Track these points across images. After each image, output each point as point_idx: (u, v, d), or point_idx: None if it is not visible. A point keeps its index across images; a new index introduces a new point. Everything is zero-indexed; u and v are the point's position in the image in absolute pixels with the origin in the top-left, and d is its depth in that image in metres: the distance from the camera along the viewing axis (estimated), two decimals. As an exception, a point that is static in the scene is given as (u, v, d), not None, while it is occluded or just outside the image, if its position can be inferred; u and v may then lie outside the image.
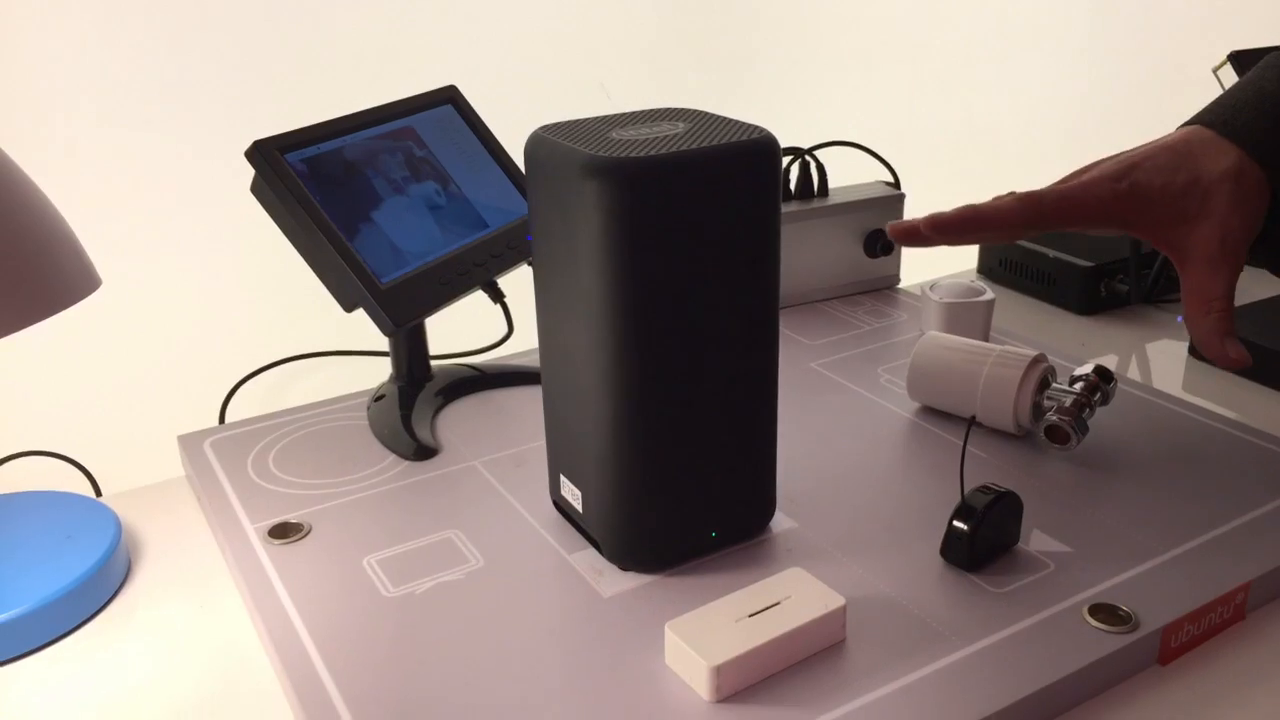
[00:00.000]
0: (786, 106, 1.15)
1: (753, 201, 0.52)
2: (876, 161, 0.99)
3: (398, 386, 0.76)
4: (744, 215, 0.52)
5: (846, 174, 0.97)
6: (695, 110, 0.57)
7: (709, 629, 0.49)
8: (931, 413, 0.74)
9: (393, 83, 0.81)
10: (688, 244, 0.51)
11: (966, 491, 0.57)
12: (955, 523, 0.56)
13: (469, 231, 0.74)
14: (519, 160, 0.78)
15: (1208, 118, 0.62)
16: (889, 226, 0.63)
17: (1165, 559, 0.56)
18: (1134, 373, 0.88)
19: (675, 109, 0.57)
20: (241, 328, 0.96)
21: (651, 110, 0.57)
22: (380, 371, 0.79)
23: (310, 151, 0.68)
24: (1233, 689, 0.51)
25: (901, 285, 0.98)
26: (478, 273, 0.72)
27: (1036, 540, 0.58)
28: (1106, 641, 0.50)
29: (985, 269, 1.05)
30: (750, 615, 0.50)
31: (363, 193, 0.69)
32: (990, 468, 0.66)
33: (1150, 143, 0.63)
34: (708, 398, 0.54)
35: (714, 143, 0.51)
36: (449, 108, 0.78)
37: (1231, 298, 0.60)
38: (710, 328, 0.53)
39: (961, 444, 0.60)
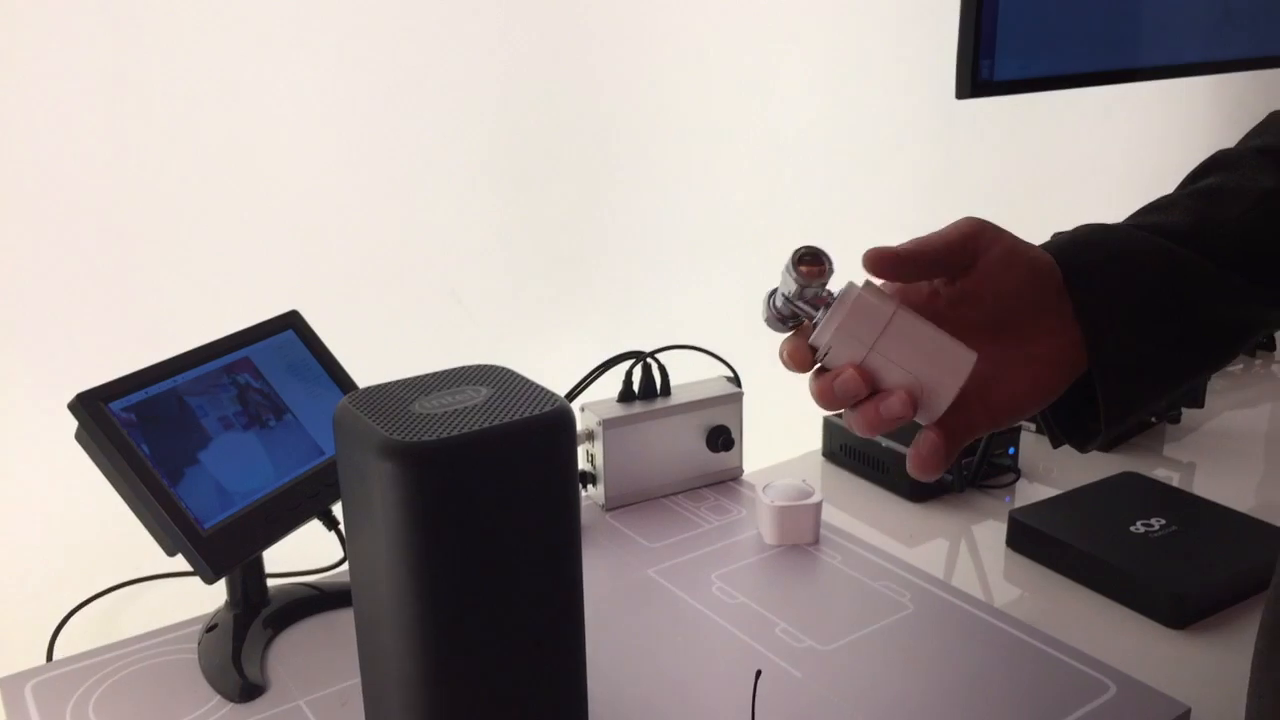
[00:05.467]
0: (632, 305, 1.20)
1: (548, 470, 0.55)
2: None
3: (232, 615, 0.76)
4: (541, 484, 0.55)
5: (689, 369, 1.01)
6: (501, 371, 0.60)
7: None
8: (762, 630, 0.76)
9: (237, 307, 0.83)
10: (484, 518, 0.53)
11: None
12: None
13: (302, 461, 0.75)
14: (361, 380, 0.81)
15: (1063, 257, 0.56)
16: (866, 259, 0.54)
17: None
18: (964, 558, 0.92)
19: (483, 368, 0.60)
20: (80, 544, 0.94)
21: (459, 370, 0.60)
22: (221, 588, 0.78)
23: (138, 397, 0.69)
24: None
25: (745, 474, 1.02)
26: (308, 505, 0.73)
27: (839, 774, 0.61)
28: None
29: (829, 452, 1.10)
30: None
31: (191, 433, 0.70)
32: (799, 687, 0.69)
33: None
34: (511, 666, 0.56)
35: (510, 418, 0.54)
36: (289, 333, 0.80)
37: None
38: (511, 598, 0.55)
39: (751, 697, 0.63)
